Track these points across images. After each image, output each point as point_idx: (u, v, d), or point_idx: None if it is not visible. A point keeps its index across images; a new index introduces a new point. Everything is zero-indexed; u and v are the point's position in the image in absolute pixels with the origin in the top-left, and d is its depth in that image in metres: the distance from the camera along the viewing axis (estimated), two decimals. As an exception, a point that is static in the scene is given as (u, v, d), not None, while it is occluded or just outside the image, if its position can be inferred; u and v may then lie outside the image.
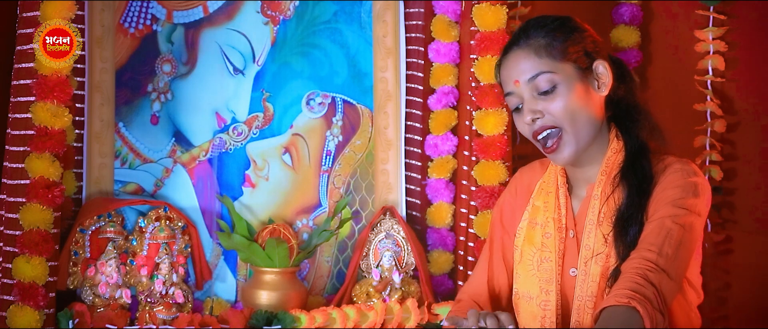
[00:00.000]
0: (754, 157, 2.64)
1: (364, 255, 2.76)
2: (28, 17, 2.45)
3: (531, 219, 2.06)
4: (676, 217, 1.85)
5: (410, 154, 2.82)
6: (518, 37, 1.99)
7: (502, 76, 2.01)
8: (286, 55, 2.82)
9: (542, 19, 2.01)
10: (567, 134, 1.94)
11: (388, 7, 2.82)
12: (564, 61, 1.94)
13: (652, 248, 1.82)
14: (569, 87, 1.93)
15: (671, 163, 1.94)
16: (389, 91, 2.82)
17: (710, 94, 2.65)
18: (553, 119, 1.94)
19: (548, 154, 1.97)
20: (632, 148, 1.97)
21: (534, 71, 1.94)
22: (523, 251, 2.05)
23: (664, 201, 1.88)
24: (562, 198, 2.03)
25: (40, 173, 2.40)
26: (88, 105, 2.67)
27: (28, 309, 2.37)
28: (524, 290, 2.02)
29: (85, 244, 2.62)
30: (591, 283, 1.93)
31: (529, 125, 1.97)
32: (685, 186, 1.89)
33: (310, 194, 2.81)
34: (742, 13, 2.65)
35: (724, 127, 2.64)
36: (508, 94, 1.99)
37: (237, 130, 2.79)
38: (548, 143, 1.96)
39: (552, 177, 2.07)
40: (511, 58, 1.99)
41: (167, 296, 2.61)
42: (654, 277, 1.78)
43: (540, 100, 1.94)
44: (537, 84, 1.94)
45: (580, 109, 1.94)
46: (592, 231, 1.95)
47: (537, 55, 1.94)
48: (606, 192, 1.95)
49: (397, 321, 2.63)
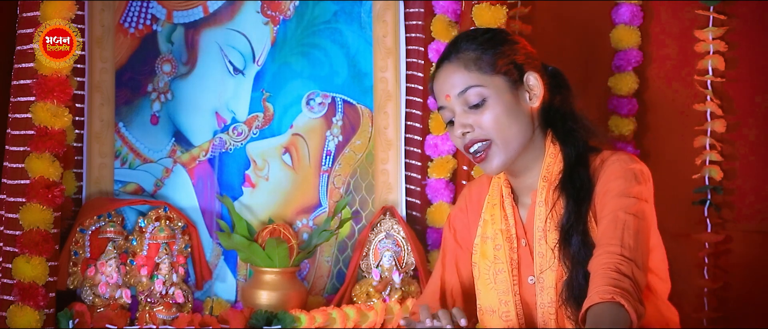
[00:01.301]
0: (754, 157, 2.64)
1: (364, 255, 2.76)
2: (28, 17, 2.45)
3: (482, 233, 2.08)
4: (627, 208, 1.87)
5: (410, 154, 2.82)
6: (449, 51, 2.01)
7: (435, 90, 2.04)
8: (286, 55, 2.82)
9: (473, 32, 2.04)
10: (496, 145, 1.96)
11: (388, 7, 2.82)
12: (493, 74, 1.96)
13: (613, 242, 1.83)
14: (499, 100, 1.95)
15: (606, 157, 1.96)
16: (389, 91, 2.82)
17: (710, 94, 2.65)
18: (483, 132, 1.96)
19: (478, 164, 2.00)
20: (569, 158, 1.98)
21: (463, 85, 1.96)
22: (479, 266, 2.07)
23: (610, 194, 1.90)
24: (508, 208, 2.05)
25: (40, 173, 2.40)
26: (88, 105, 2.67)
27: (28, 309, 2.37)
28: (486, 304, 2.04)
29: (85, 244, 2.62)
30: (548, 290, 1.95)
31: (460, 139, 1.99)
32: (626, 176, 1.91)
33: (310, 194, 2.81)
34: (742, 13, 2.65)
35: (724, 127, 2.64)
36: (441, 107, 2.02)
37: (237, 130, 2.79)
38: (477, 154, 1.97)
39: (496, 189, 2.09)
40: (443, 72, 2.01)
41: (167, 296, 2.61)
42: (626, 269, 1.80)
43: (470, 113, 1.96)
44: (467, 98, 1.96)
45: (509, 121, 1.95)
46: (542, 238, 1.97)
47: (467, 69, 1.96)
48: (550, 199, 1.96)
49: (397, 321, 2.63)
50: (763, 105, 2.64)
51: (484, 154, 1.96)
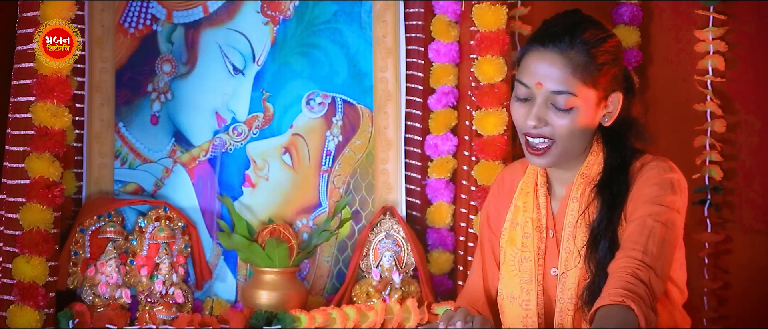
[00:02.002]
0: (754, 157, 2.64)
1: (364, 255, 2.76)
2: (28, 17, 2.45)
3: (512, 219, 2.06)
4: (657, 215, 1.85)
5: (410, 154, 2.82)
6: (562, 37, 1.90)
7: (527, 61, 1.93)
8: (286, 55, 2.82)
9: (593, 31, 1.93)
10: (556, 148, 1.93)
11: (388, 7, 2.82)
12: (591, 86, 1.90)
13: (636, 247, 1.82)
14: (583, 113, 1.91)
15: (647, 161, 1.93)
16: (389, 91, 2.82)
17: (710, 94, 2.65)
18: (553, 132, 1.91)
19: (529, 154, 1.95)
20: (612, 162, 1.96)
21: (561, 87, 1.89)
22: (506, 251, 2.05)
23: (643, 199, 1.88)
24: (541, 198, 2.03)
25: (40, 173, 2.40)
26: (88, 105, 2.67)
27: (28, 309, 2.37)
28: (507, 290, 2.03)
29: (85, 244, 2.62)
30: (571, 284, 1.93)
31: (524, 123, 1.93)
32: (662, 184, 1.88)
33: (310, 194, 2.81)
34: (742, 13, 2.65)
35: (724, 127, 2.64)
36: (523, 83, 1.93)
37: (237, 130, 2.79)
38: (535, 145, 1.93)
39: (532, 177, 2.06)
40: (546, 57, 1.91)
41: (167, 296, 2.61)
42: (643, 275, 1.78)
43: (551, 112, 1.91)
44: (557, 99, 1.90)
45: (580, 133, 1.92)
46: (572, 235, 1.95)
47: (573, 72, 1.89)
48: (585, 197, 1.95)
49: (397, 321, 2.63)
50: (763, 105, 2.64)
51: (542, 150, 1.93)
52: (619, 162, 1.95)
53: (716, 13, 2.64)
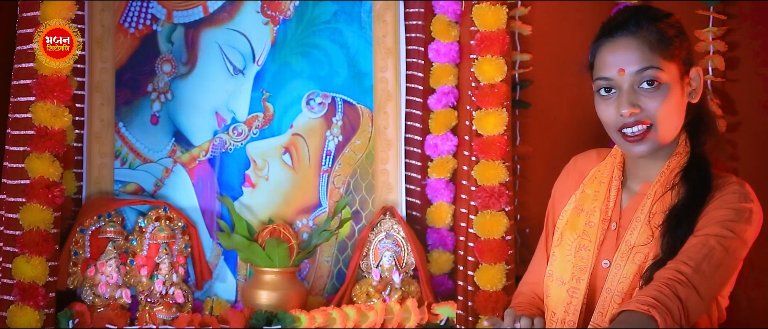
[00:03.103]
0: (755, 157, 2.64)
1: (364, 255, 2.76)
2: (28, 17, 2.45)
3: (578, 204, 2.03)
4: (722, 238, 1.82)
5: (410, 154, 2.82)
6: (627, 22, 1.91)
7: (602, 56, 1.92)
8: (286, 55, 2.82)
9: (653, 11, 1.94)
10: (654, 131, 1.89)
11: (388, 7, 2.82)
12: (671, 60, 1.89)
13: (689, 262, 1.79)
14: (671, 87, 1.89)
15: (730, 182, 1.90)
16: (389, 91, 2.82)
17: (710, 94, 2.65)
18: (648, 115, 1.88)
19: (629, 143, 1.91)
20: (697, 154, 1.93)
21: (643, 64, 1.87)
22: (563, 234, 2.02)
23: (714, 219, 1.84)
24: (613, 190, 2.00)
25: (40, 173, 2.40)
26: (88, 105, 2.67)
27: (28, 309, 2.37)
28: (558, 273, 1.99)
29: (85, 244, 2.62)
30: (623, 278, 1.90)
31: (621, 116, 1.90)
32: (739, 211, 1.86)
33: (310, 194, 2.81)
34: (742, 13, 2.64)
35: (724, 126, 2.64)
36: (604, 78, 1.91)
37: (237, 130, 2.79)
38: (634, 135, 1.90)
39: (608, 167, 2.03)
40: (621, 44, 1.90)
41: (167, 296, 2.61)
42: (682, 291, 1.75)
43: (642, 94, 1.88)
44: (643, 77, 1.87)
45: (674, 112, 1.90)
46: (637, 228, 1.92)
47: (650, 48, 1.88)
48: (660, 193, 1.93)
49: (397, 321, 2.63)
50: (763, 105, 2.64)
51: (641, 136, 1.89)
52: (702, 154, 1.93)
53: (716, 13, 2.64)
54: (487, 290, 2.54)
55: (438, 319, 2.68)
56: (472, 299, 2.56)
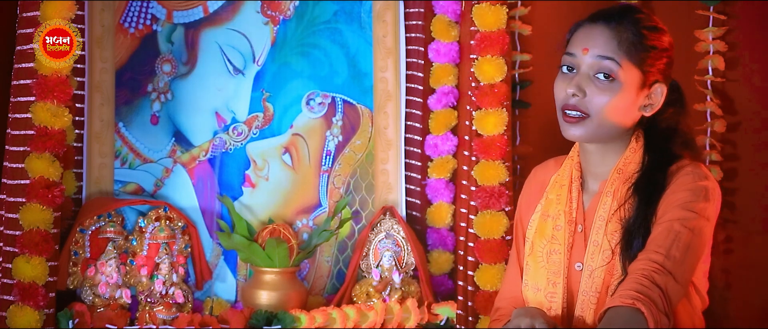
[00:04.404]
0: (754, 157, 2.64)
1: (364, 255, 2.76)
2: (28, 17, 2.45)
3: (543, 211, 2.06)
4: (685, 221, 1.84)
5: (410, 154, 2.82)
6: (612, 15, 1.94)
7: (576, 35, 1.97)
8: (286, 55, 2.82)
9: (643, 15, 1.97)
10: (590, 123, 1.92)
11: (388, 7, 2.82)
12: (636, 65, 1.91)
13: (659, 250, 1.82)
14: (624, 91, 1.91)
15: (683, 165, 1.93)
16: (389, 91, 2.82)
17: (710, 94, 2.65)
18: (588, 108, 1.91)
19: (567, 123, 1.95)
20: (652, 163, 1.96)
21: (607, 53, 1.90)
22: (533, 243, 2.05)
23: (674, 203, 1.87)
24: (574, 191, 2.02)
25: (40, 173, 2.40)
26: (88, 105, 2.67)
27: (28, 309, 2.37)
28: (533, 281, 2.02)
29: (85, 244, 2.62)
30: (595, 278, 1.93)
31: (567, 94, 1.93)
32: (696, 190, 1.88)
33: (310, 194, 2.81)
34: (742, 13, 2.64)
35: (724, 126, 2.64)
36: (570, 53, 1.96)
37: (237, 130, 2.79)
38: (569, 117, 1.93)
39: (567, 171, 2.06)
40: (596, 29, 1.94)
41: (167, 296, 2.61)
42: (660, 279, 1.78)
43: (592, 83, 1.91)
44: (601, 65, 1.90)
45: (616, 115, 1.92)
46: (601, 228, 1.95)
47: (619, 43, 1.91)
48: (618, 191, 1.95)
49: (397, 321, 2.63)
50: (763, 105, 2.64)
51: (575, 121, 1.93)
52: (658, 163, 1.95)
53: (716, 13, 2.64)
54: (487, 290, 2.54)
55: (438, 319, 2.68)
56: (472, 299, 2.56)
